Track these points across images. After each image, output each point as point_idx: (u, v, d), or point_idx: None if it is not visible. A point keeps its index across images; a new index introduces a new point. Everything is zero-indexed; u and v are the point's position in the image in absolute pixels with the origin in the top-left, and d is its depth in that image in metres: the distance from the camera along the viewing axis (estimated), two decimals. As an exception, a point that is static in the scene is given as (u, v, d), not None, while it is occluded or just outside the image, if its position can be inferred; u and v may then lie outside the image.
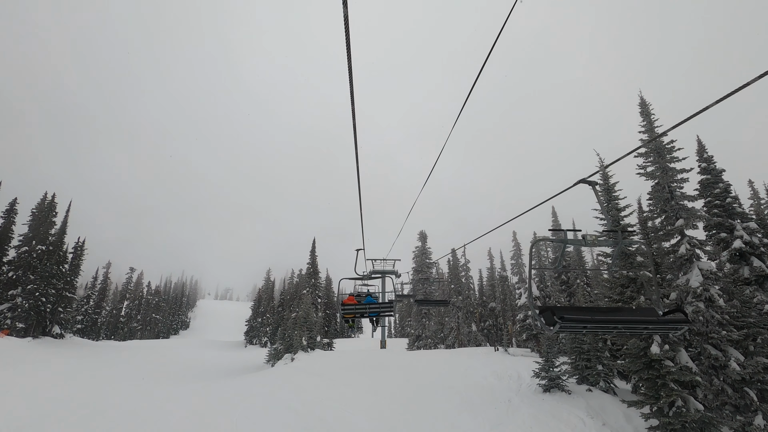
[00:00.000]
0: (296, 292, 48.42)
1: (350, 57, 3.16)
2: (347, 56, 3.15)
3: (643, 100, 16.75)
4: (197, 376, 30.22)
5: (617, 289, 14.73)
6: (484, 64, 4.91)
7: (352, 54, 3.15)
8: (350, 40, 3.01)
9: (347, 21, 2.89)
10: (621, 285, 14.69)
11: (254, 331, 65.01)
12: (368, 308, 11.41)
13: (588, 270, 36.94)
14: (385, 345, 32.27)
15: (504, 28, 4.50)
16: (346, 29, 2.93)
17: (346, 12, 2.86)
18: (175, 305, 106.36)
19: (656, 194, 16.00)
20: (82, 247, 50.32)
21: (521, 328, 28.23)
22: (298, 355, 28.20)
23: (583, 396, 15.94)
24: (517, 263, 54.81)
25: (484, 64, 4.90)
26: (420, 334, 49.08)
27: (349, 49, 3.07)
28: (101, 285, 77.69)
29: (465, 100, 5.77)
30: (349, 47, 3.04)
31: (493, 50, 4.70)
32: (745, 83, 3.31)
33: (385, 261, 33.64)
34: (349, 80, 3.58)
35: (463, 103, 5.90)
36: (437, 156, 7.95)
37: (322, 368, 23.71)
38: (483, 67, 4.95)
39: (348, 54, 3.11)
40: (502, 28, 4.49)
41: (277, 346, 34.32)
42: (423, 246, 51.86)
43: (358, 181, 6.19)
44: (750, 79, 3.31)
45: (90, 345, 47.51)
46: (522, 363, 23.14)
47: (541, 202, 6.68)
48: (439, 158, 8.00)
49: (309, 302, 34.07)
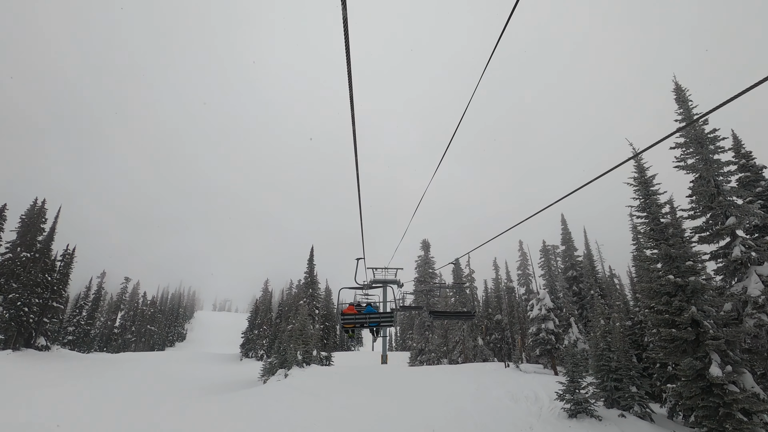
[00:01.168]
0: (294, 303, 46.32)
1: (349, 57, 3.15)
2: (346, 58, 3.15)
3: (678, 86, 14.96)
4: (183, 392, 28.00)
5: (662, 298, 12.63)
6: (486, 65, 4.70)
7: (351, 54, 3.14)
8: (349, 40, 3.02)
9: (346, 23, 2.90)
10: (667, 293, 12.62)
11: (250, 344, 62.58)
12: (368, 318, 11.02)
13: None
14: (386, 360, 30.03)
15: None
16: (345, 29, 2.96)
17: (345, 14, 2.88)
18: (172, 316, 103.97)
19: (699, 189, 14.02)
20: (72, 256, 48.38)
21: (534, 342, 26.01)
22: (293, 371, 26.01)
23: (617, 423, 13.79)
24: (524, 273, 52.66)
25: (486, 64, 4.66)
26: (423, 348, 46.69)
27: (348, 49, 3.08)
28: (95, 295, 75.41)
29: (471, 95, 5.58)
30: (348, 47, 3.06)
31: (495, 50, 4.47)
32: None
33: (386, 270, 31.67)
34: (349, 81, 3.55)
35: (467, 104, 5.61)
36: (441, 157, 7.32)
37: (316, 386, 21.54)
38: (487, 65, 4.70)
39: (347, 53, 3.12)
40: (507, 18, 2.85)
41: (272, 360, 32.15)
42: (426, 255, 49.83)
43: (358, 188, 5.87)
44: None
45: (77, 358, 45.24)
46: (537, 381, 20.97)
47: (537, 211, 5.94)
48: (443, 160, 7.28)
49: (305, 313, 31.93)
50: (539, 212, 6.09)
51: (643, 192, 14.13)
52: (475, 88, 5.30)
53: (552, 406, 15.90)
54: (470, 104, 5.65)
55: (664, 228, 13.26)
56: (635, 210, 14.99)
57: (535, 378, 22.00)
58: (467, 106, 5.54)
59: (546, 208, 5.91)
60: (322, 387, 21.31)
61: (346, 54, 3.06)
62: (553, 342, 25.34)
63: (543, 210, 5.97)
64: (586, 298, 34.04)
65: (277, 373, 27.03)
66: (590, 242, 40.11)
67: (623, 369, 15.24)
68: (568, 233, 40.73)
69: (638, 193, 14.85)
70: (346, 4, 2.79)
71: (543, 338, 25.35)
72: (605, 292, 36.22)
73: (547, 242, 40.02)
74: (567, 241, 40.38)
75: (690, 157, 14.41)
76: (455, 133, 6.37)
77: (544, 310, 26.08)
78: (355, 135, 4.60)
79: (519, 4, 3.83)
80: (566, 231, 40.89)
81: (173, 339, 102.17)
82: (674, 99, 14.94)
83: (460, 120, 5.99)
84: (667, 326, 12.37)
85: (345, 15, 2.82)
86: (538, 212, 6.10)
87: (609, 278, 39.61)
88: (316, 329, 36.77)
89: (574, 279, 37.50)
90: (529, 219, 6.38)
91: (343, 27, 2.90)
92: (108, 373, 35.54)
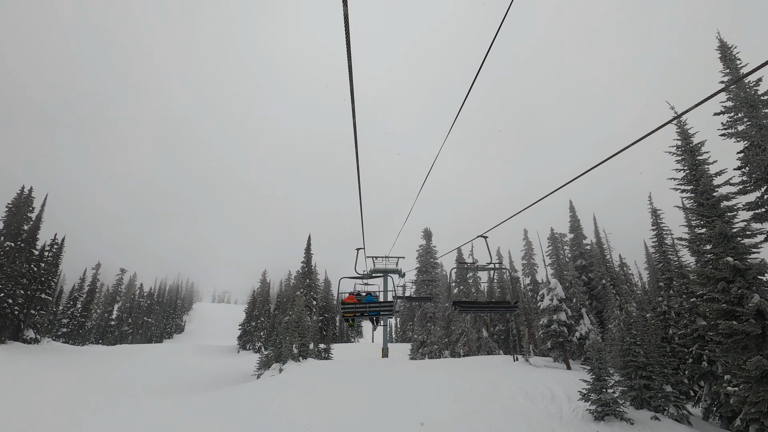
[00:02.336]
0: (291, 294, 44.71)
1: (350, 55, 3.12)
2: (347, 54, 3.12)
3: (723, 42, 13.02)
4: (172, 387, 26.49)
5: (718, 284, 10.84)
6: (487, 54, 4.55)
7: (352, 52, 3.10)
8: (350, 39, 2.97)
9: (347, 19, 2.84)
10: (723, 279, 10.82)
11: (248, 336, 61.25)
12: (368, 307, 11.09)
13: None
14: (386, 353, 28.46)
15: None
16: (346, 29, 2.91)
17: (346, 10, 2.82)
18: (170, 308, 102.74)
19: (752, 159, 12.12)
20: (61, 246, 46.71)
21: (545, 334, 24.35)
22: (288, 365, 24.43)
23: (651, 427, 12.14)
24: (529, 263, 51.01)
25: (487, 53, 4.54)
26: (425, 340, 45.19)
27: (349, 48, 3.03)
28: (89, 287, 73.83)
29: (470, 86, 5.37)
30: (348, 45, 3.01)
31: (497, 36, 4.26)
32: None
33: (387, 259, 29.95)
34: (349, 79, 3.49)
35: (468, 90, 5.37)
36: (443, 142, 7.43)
37: (312, 382, 19.94)
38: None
39: (348, 52, 3.08)
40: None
41: (269, 353, 30.61)
42: (428, 244, 48.12)
43: (358, 177, 5.79)
44: None
45: (67, 350, 43.84)
46: (550, 377, 19.36)
47: (544, 196, 5.88)
48: (445, 142, 7.43)
49: (302, 305, 30.28)
50: (546, 197, 5.84)
51: (690, 161, 12.32)
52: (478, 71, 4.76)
53: (573, 407, 14.27)
54: (474, 96, 5.01)
55: (716, 202, 11.51)
56: (679, 183, 13.16)
57: (548, 373, 20.39)
58: (469, 91, 5.15)
59: (553, 192, 5.50)
60: (318, 383, 19.71)
61: (347, 47, 3.00)
62: (566, 334, 23.68)
63: (551, 194, 5.63)
64: (596, 288, 32.37)
65: (272, 368, 25.47)
66: (600, 230, 38.37)
67: (655, 365, 13.56)
68: (576, 221, 38.94)
69: (683, 163, 13.02)
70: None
71: (554, 330, 23.68)
72: (616, 282, 34.58)
73: (556, 230, 38.18)
74: (575, 228, 38.61)
75: (740, 123, 12.56)
76: (460, 110, 6.00)
77: (556, 300, 24.38)
78: (356, 135, 4.47)
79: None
80: (574, 218, 39.10)
81: (171, 331, 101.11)
82: (719, 58, 13.03)
83: (464, 101, 5.58)
84: (725, 317, 10.66)
85: (346, 11, 2.79)
86: (544, 197, 5.88)
87: (619, 267, 37.98)
88: (313, 321, 35.16)
89: (584, 268, 35.83)
90: (538, 202, 6.06)
91: (344, 25, 2.86)
92: (98, 367, 34.04)
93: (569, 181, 5.00)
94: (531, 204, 6.35)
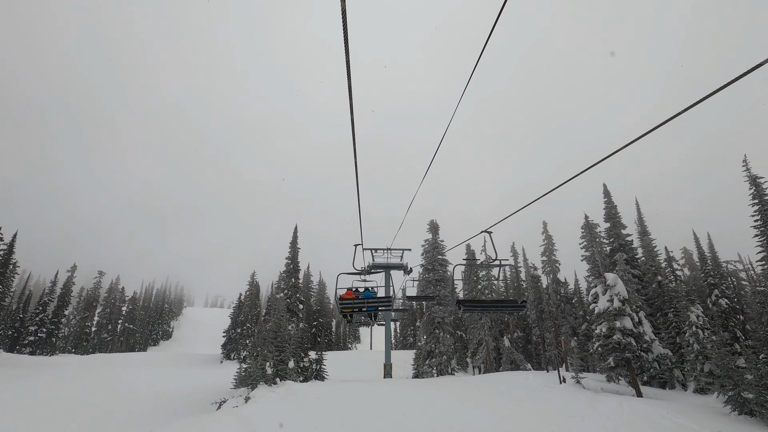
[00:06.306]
0: (273, 296, 38.41)
1: (348, 53, 3.09)
2: (345, 52, 3.07)
3: None
4: (108, 415, 20.16)
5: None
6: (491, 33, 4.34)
7: (350, 50, 3.06)
8: (348, 38, 2.96)
9: (345, 15, 2.81)
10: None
11: (233, 344, 54.96)
12: (366, 302, 10.83)
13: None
14: (390, 373, 22.11)
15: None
16: (344, 28, 2.89)
17: (344, 6, 2.77)
18: (156, 314, 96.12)
19: None
20: (11, 245, 40.44)
21: (604, 347, 18.04)
22: (257, 392, 18.16)
23: None
24: (550, 260, 44.55)
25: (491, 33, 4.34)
26: (432, 350, 38.86)
27: (347, 46, 3.01)
28: (62, 290, 67.10)
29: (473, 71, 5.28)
30: (347, 43, 3.00)
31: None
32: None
33: (389, 252, 23.74)
34: (347, 76, 3.42)
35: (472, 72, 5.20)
36: (445, 129, 7.01)
37: (284, 420, 13.66)
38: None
39: (346, 50, 3.06)
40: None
41: (248, 367, 24.29)
42: (434, 239, 41.89)
43: (356, 171, 5.49)
44: None
45: (15, 363, 37.58)
46: (631, 412, 13.18)
47: (573, 176, 5.07)
48: (447, 129, 7.00)
49: (283, 309, 23.94)
50: (576, 176, 5.08)
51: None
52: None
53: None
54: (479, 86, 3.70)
55: None
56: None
57: (624, 405, 14.19)
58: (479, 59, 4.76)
59: (585, 170, 4.75)
60: (293, 425, 13.44)
61: (344, 45, 3.02)
62: (634, 348, 17.36)
63: (583, 172, 4.82)
64: (650, 286, 26.13)
65: (238, 394, 19.18)
66: (643, 218, 32.12)
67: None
68: (612, 207, 32.77)
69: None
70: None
71: (618, 342, 17.40)
72: (665, 280, 28.38)
73: (589, 218, 31.97)
74: (612, 216, 32.44)
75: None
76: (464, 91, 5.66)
77: (617, 301, 18.10)
78: (354, 132, 4.56)
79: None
80: (610, 204, 32.94)
81: (158, 338, 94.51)
82: None
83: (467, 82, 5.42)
84: None
85: (344, 7, 2.79)
86: (574, 177, 5.11)
87: (666, 262, 31.74)
88: (299, 329, 28.72)
89: (626, 263, 29.65)
90: (566, 183, 5.16)
91: (342, 23, 2.88)
92: (43, 385, 27.71)
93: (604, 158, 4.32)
94: (554, 188, 5.42)
